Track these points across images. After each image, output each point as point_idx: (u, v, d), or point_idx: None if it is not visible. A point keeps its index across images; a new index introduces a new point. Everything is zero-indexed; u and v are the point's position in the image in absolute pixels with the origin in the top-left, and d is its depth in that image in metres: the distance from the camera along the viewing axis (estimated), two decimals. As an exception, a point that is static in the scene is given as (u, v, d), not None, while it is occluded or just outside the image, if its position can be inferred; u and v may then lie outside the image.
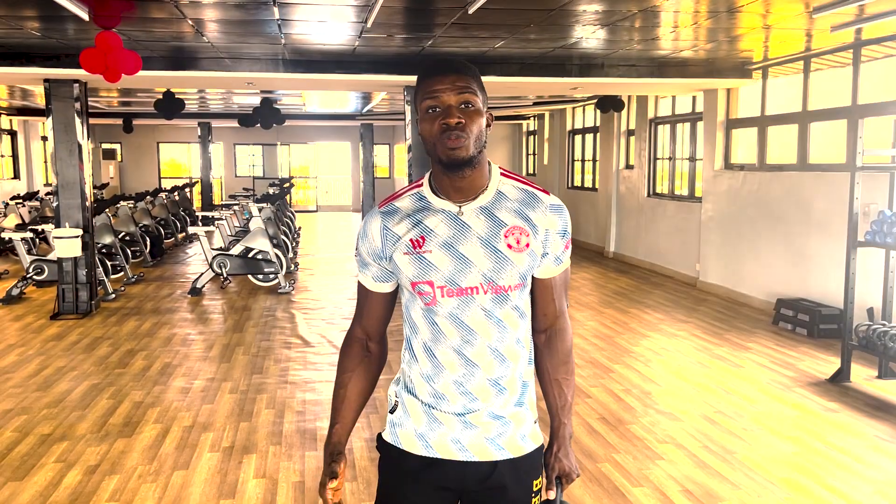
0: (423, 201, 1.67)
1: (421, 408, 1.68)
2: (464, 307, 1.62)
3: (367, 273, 1.75)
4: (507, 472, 1.68)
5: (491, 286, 1.61)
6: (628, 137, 11.99)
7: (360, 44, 6.79)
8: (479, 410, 1.65)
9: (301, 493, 3.61)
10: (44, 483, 3.70)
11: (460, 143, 1.56)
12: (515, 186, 1.68)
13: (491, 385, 1.65)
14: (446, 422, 1.66)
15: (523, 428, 1.70)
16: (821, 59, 7.42)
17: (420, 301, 1.65)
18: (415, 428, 1.69)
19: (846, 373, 5.38)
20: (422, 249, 1.62)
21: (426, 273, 1.62)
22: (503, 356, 1.65)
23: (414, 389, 1.70)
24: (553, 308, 1.74)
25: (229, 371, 5.69)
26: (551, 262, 1.69)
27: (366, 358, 1.78)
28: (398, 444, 1.71)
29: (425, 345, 1.66)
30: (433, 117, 1.59)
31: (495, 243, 1.61)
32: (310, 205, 23.26)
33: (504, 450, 1.68)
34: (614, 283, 9.79)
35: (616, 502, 3.51)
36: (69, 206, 7.83)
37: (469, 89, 1.58)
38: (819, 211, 7.18)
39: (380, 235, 1.68)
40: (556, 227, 1.67)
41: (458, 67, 1.60)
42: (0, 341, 6.59)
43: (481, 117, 1.60)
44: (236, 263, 9.08)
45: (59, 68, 7.11)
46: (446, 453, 1.67)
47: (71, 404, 4.90)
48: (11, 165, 16.51)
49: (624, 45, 7.06)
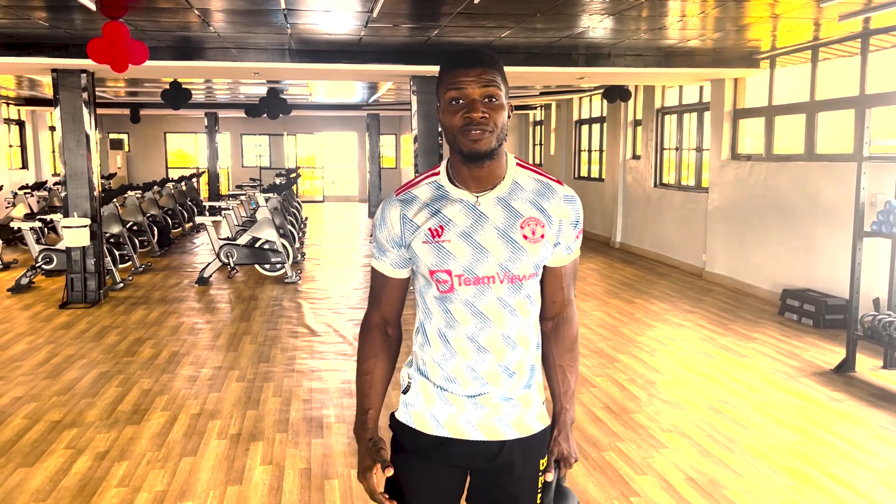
0: (440, 190, 1.69)
1: (433, 389, 1.72)
2: (480, 295, 1.65)
3: (384, 260, 1.76)
4: (515, 450, 1.72)
5: (507, 275, 1.65)
6: (635, 127, 11.96)
7: (365, 33, 6.79)
8: (490, 393, 1.69)
9: (307, 479, 3.65)
10: (54, 469, 3.75)
11: (483, 136, 1.58)
12: (531, 177, 1.70)
13: (502, 370, 1.69)
14: (457, 403, 1.70)
15: (531, 409, 1.74)
16: (829, 48, 7.39)
17: (435, 288, 1.68)
18: (427, 408, 1.73)
19: (851, 363, 5.39)
20: (441, 239, 1.65)
21: (445, 262, 1.65)
22: (514, 342, 1.69)
23: (426, 372, 1.74)
24: (562, 296, 1.78)
25: (236, 360, 5.73)
26: (563, 251, 1.73)
27: (386, 342, 1.81)
28: (410, 424, 1.75)
29: (439, 330, 1.70)
30: (456, 109, 1.60)
31: (511, 234, 1.64)
32: (316, 195, 23.30)
33: (512, 429, 1.72)
34: (620, 273, 9.79)
35: (620, 490, 3.54)
36: (77, 195, 7.87)
37: (494, 83, 1.59)
38: (826, 201, 7.16)
39: (399, 223, 1.70)
40: (569, 217, 1.70)
41: (483, 60, 1.60)
42: (10, 330, 6.65)
43: (504, 110, 1.61)
44: (243, 253, 9.12)
45: (66, 58, 7.14)
46: (457, 433, 1.71)
47: (80, 392, 4.96)
48: (20, 155, 16.58)
49: (631, 35, 7.03)
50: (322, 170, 23.49)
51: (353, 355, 5.87)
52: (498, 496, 1.75)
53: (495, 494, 1.75)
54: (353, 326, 6.73)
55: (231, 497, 3.46)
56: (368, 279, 9.25)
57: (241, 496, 3.47)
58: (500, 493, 1.74)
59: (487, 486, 1.75)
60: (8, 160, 15.55)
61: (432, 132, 8.34)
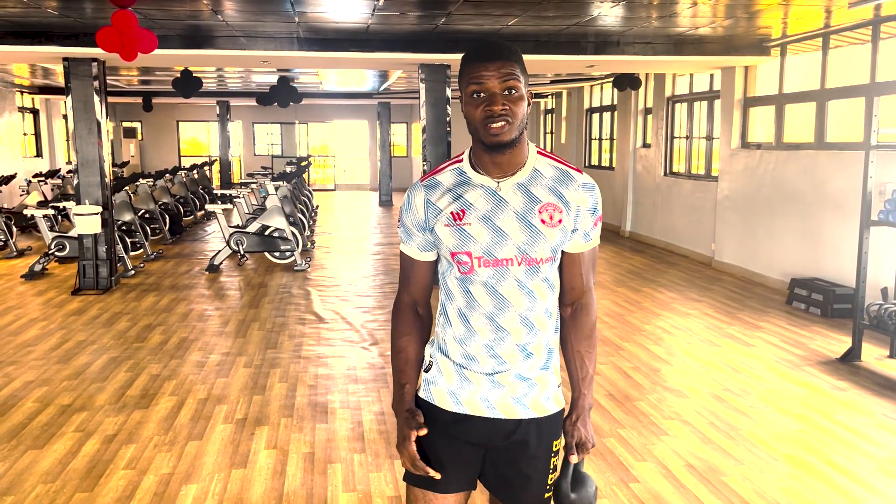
0: (462, 176, 1.76)
1: (453, 367, 1.79)
2: (499, 277, 1.72)
3: (412, 244, 1.82)
4: (530, 429, 1.79)
5: (524, 258, 1.71)
6: (645, 116, 11.91)
7: (373, 21, 6.80)
8: (507, 371, 1.76)
9: (311, 463, 3.70)
10: (63, 451, 3.82)
11: (503, 128, 1.65)
12: (550, 165, 1.76)
13: (519, 350, 1.75)
14: (476, 381, 1.77)
15: (548, 390, 1.81)
16: (840, 36, 7.32)
17: (457, 270, 1.75)
18: (447, 386, 1.80)
19: (857, 352, 5.38)
20: (462, 222, 1.72)
21: (465, 244, 1.72)
22: (532, 324, 1.75)
23: (447, 351, 1.81)
24: (580, 283, 1.83)
25: (244, 346, 5.80)
26: (580, 237, 1.78)
27: (418, 321, 1.87)
28: (431, 401, 1.83)
29: (460, 311, 1.77)
30: (478, 102, 1.66)
31: (530, 218, 1.71)
32: (328, 184, 23.36)
33: (529, 409, 1.78)
34: (629, 262, 9.78)
35: (619, 476, 3.57)
36: (89, 183, 7.96)
37: (513, 76, 1.65)
38: (835, 190, 7.12)
39: (423, 208, 1.77)
40: (587, 204, 1.75)
41: (502, 53, 1.66)
42: (23, 316, 6.75)
43: (524, 101, 1.67)
44: (253, 241, 9.19)
45: (77, 47, 7.20)
46: (475, 410, 1.78)
47: (90, 376, 5.04)
48: (34, 143, 16.74)
49: (640, 23, 7.00)
50: (334, 158, 23.54)
51: (359, 342, 5.92)
52: (511, 473, 1.82)
53: (509, 472, 1.82)
54: (361, 314, 6.78)
55: (235, 480, 3.52)
56: (377, 267, 9.36)
57: (246, 479, 3.53)
58: (514, 470, 1.81)
59: (502, 463, 1.82)
60: (22, 148, 15.70)
61: (441, 121, 8.34)
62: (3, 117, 14.46)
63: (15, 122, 15.12)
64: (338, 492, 3.41)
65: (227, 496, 3.36)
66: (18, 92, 15.26)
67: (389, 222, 14.49)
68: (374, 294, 7.64)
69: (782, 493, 3.41)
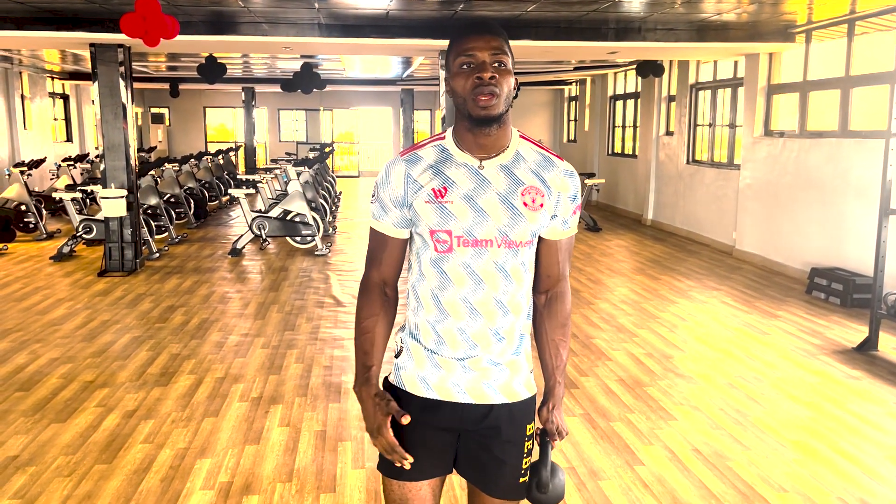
0: (445, 153, 1.74)
1: (424, 353, 1.78)
2: (477, 257, 1.71)
3: (386, 220, 1.78)
4: (502, 415, 1.78)
5: (504, 240, 1.70)
6: (669, 103, 11.81)
7: (393, 7, 6.83)
8: (479, 356, 1.75)
9: (322, 441, 3.79)
10: (84, 425, 3.95)
11: (491, 101, 1.64)
12: (532, 149, 1.77)
13: (491, 334, 1.74)
14: (446, 366, 1.76)
15: (519, 376, 1.80)
16: (865, 22, 7.20)
17: (433, 249, 1.73)
18: (417, 371, 1.79)
19: (874, 342, 5.34)
20: (444, 199, 1.70)
21: (446, 222, 1.70)
22: (506, 307, 1.74)
23: (418, 335, 1.79)
24: (556, 270, 1.83)
25: (263, 327, 5.91)
26: (559, 224, 1.78)
27: (385, 302, 1.84)
28: (402, 386, 1.81)
29: (432, 292, 1.75)
30: (467, 73, 1.66)
31: (512, 200, 1.70)
32: (352, 170, 23.48)
33: (500, 394, 1.78)
34: (649, 250, 9.75)
35: (625, 459, 3.60)
36: (114, 167, 8.12)
37: (502, 51, 1.66)
38: (858, 179, 7.04)
39: (403, 182, 1.74)
40: (568, 191, 1.76)
41: (491, 29, 1.69)
42: (51, 296, 6.94)
43: (511, 77, 1.68)
44: (275, 225, 9.31)
45: (103, 33, 7.33)
46: (446, 395, 1.77)
47: (113, 355, 5.18)
48: (64, 128, 17.04)
49: (662, 8, 6.95)
50: (358, 145, 23.65)
51: (375, 325, 5.99)
52: (485, 458, 1.81)
53: (483, 457, 1.81)
54: (378, 298, 6.85)
55: (248, 455, 3.62)
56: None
57: (258, 454, 3.63)
58: (488, 455, 1.80)
59: (476, 448, 1.81)
60: (53, 133, 16.00)
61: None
62: (35, 102, 14.74)
63: (46, 107, 15.41)
64: (347, 468, 3.49)
65: (239, 470, 3.46)
66: (49, 78, 15.53)
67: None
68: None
69: (787, 478, 3.42)
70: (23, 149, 13.92)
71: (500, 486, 1.83)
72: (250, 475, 3.41)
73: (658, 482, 3.38)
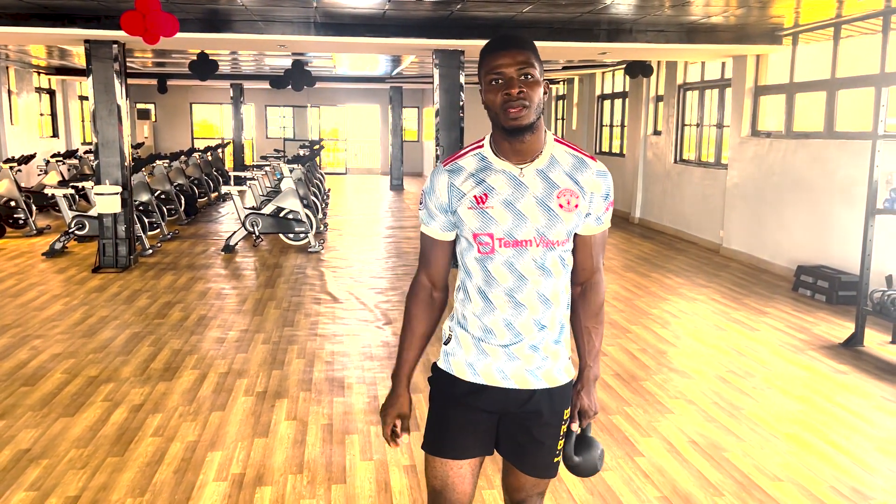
0: (484, 161, 1.88)
1: (471, 341, 1.93)
2: (518, 256, 1.85)
3: (433, 224, 1.93)
4: (542, 399, 1.93)
5: (542, 240, 1.84)
6: (657, 103, 11.97)
7: (389, 7, 6.90)
8: (522, 343, 1.89)
9: (329, 433, 3.87)
10: (93, 419, 4.01)
11: (521, 112, 1.77)
12: (567, 152, 1.90)
13: (534, 324, 1.89)
14: (492, 353, 1.91)
15: (559, 362, 1.95)
16: (851, 25, 7.38)
17: (476, 250, 1.87)
18: (465, 357, 1.94)
19: (859, 337, 5.50)
20: (485, 205, 1.83)
21: (487, 226, 1.84)
22: (548, 300, 1.89)
23: (466, 325, 1.94)
24: (591, 263, 1.97)
25: (262, 323, 5.97)
26: (593, 221, 1.91)
27: (430, 305, 1.99)
28: (450, 371, 1.96)
29: (479, 288, 1.90)
30: (497, 89, 1.79)
31: (549, 203, 1.84)
32: (339, 167, 23.50)
33: (541, 380, 1.93)
34: (638, 248, 9.90)
35: (625, 451, 3.72)
36: (109, 164, 8.12)
37: (528, 63, 1.78)
38: (843, 179, 7.21)
39: (446, 191, 1.88)
40: (600, 190, 1.89)
41: (517, 43, 1.80)
42: (46, 292, 6.95)
43: (539, 86, 1.80)
44: (268, 222, 9.35)
45: (99, 29, 7.34)
46: (491, 380, 1.92)
47: (115, 350, 5.22)
48: (50, 124, 16.93)
49: (653, 11, 7.08)
50: (345, 142, 23.66)
51: (373, 322, 6.08)
52: (525, 440, 1.96)
53: (522, 438, 1.96)
54: (375, 294, 6.94)
55: (258, 448, 3.69)
56: (389, 250, 9.51)
57: (268, 447, 3.70)
58: (528, 436, 1.96)
59: (516, 429, 1.96)
60: (39, 128, 15.89)
61: (454, 106, 8.45)
62: (22, 97, 14.65)
63: (32, 103, 15.31)
64: (356, 460, 3.58)
65: (250, 462, 3.53)
66: (36, 73, 15.43)
67: (400, 206, 14.63)
68: (386, 276, 7.80)
69: (781, 468, 3.55)
70: (9, 144, 13.83)
71: (536, 466, 1.99)
72: (261, 467, 3.49)
73: (658, 472, 3.49)
